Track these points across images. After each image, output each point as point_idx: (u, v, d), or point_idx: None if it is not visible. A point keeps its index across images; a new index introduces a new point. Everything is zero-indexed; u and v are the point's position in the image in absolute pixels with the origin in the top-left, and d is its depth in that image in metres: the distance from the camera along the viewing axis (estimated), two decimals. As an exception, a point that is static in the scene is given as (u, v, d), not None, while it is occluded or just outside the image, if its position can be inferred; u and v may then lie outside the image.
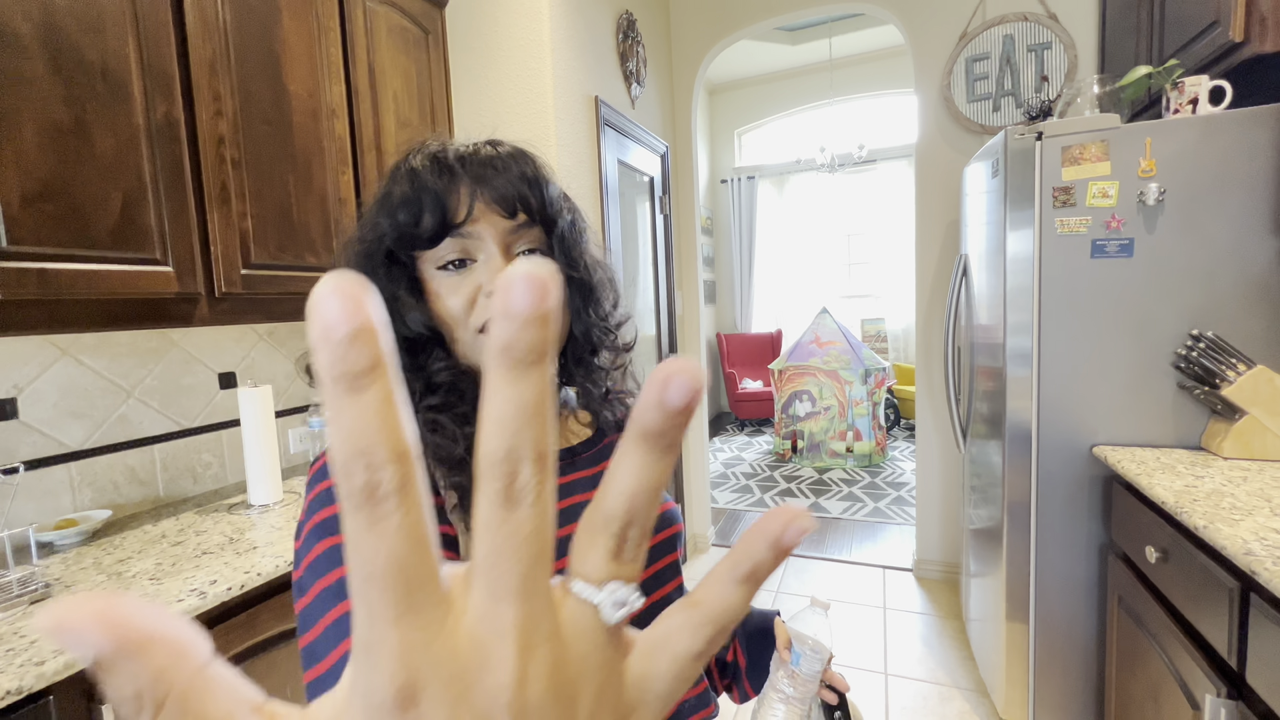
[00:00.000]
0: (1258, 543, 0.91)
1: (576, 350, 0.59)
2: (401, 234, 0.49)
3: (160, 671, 0.13)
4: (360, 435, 0.12)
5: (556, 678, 0.14)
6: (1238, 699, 0.95)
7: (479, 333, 0.50)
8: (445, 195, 0.48)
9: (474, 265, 0.50)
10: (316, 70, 1.48)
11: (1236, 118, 1.36)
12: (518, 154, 0.52)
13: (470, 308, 0.50)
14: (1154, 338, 1.45)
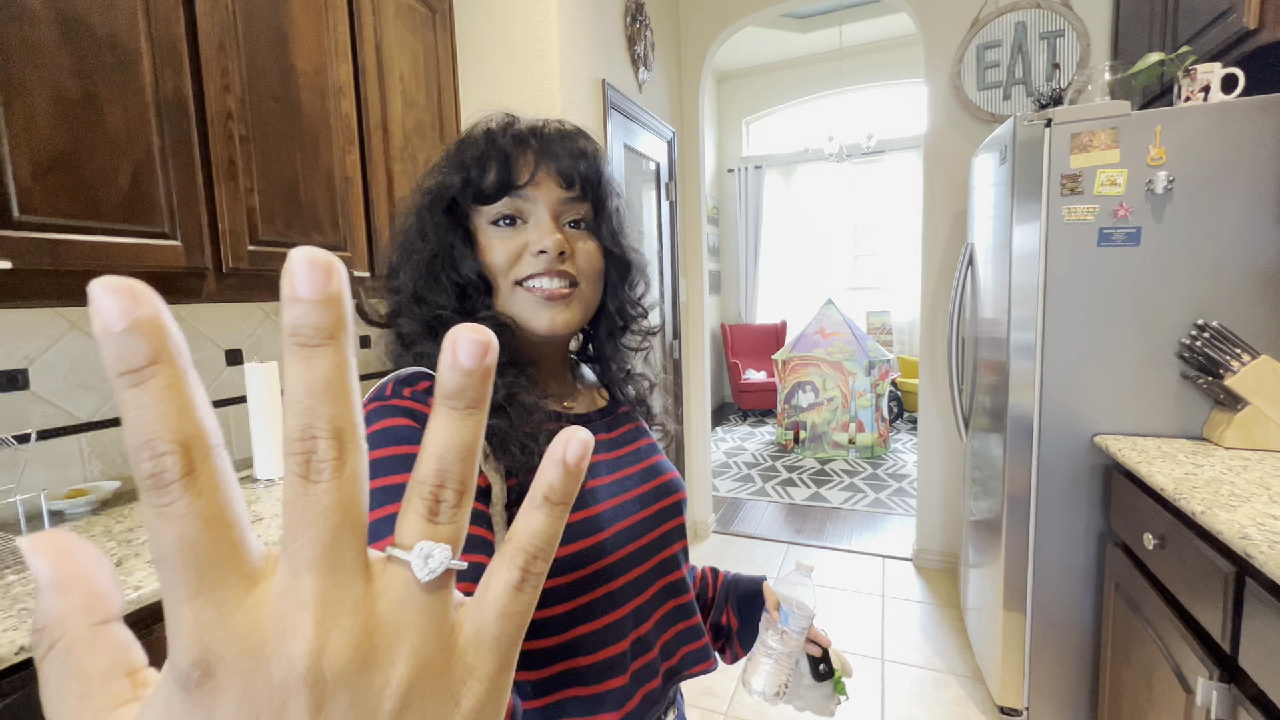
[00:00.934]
0: (1255, 528, 0.92)
1: (609, 324, 0.63)
2: (467, 186, 0.53)
3: (66, 615, 0.14)
4: (143, 427, 0.13)
5: (363, 646, 0.14)
6: (1230, 682, 0.96)
7: (516, 285, 0.54)
8: (513, 158, 0.53)
9: (524, 225, 0.54)
10: (323, 48, 1.48)
11: (1247, 106, 1.34)
12: (581, 134, 0.57)
13: (514, 262, 0.54)
14: (1158, 327, 1.45)
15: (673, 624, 0.58)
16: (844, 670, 0.66)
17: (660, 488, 0.60)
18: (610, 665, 0.51)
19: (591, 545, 0.51)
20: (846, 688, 0.66)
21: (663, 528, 0.59)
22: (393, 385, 0.51)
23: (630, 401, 0.66)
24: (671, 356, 2.90)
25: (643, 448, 0.63)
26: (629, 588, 0.54)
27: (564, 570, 0.49)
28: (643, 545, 0.56)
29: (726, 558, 2.95)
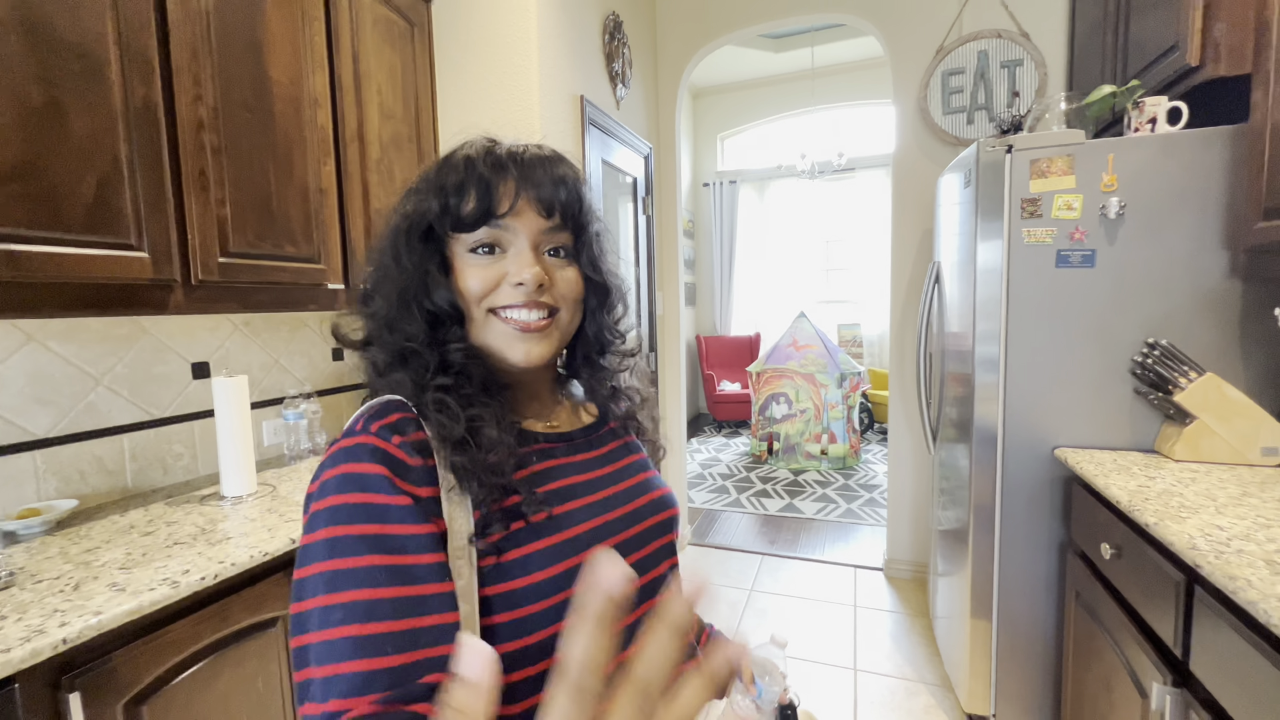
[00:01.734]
0: (1202, 538, 0.97)
1: (585, 348, 0.64)
2: (446, 214, 0.53)
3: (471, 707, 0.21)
4: None
5: None
6: (1182, 687, 1.00)
7: (489, 313, 0.54)
8: (493, 186, 0.52)
9: (503, 254, 0.54)
10: (300, 59, 1.47)
11: (1191, 138, 1.43)
12: (561, 160, 0.56)
13: (491, 291, 0.53)
14: (1113, 345, 1.52)
15: None
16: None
17: (647, 506, 0.59)
18: None
19: (569, 569, 0.50)
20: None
21: (649, 547, 0.58)
22: (363, 421, 0.50)
23: (619, 417, 0.66)
24: (648, 369, 2.92)
25: (631, 464, 0.62)
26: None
27: (542, 595, 0.48)
28: (631, 563, 0.53)
29: (702, 570, 2.96)
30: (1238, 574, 0.84)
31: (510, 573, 0.48)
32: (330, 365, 1.96)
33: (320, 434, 1.79)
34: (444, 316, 0.54)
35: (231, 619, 1.04)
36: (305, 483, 1.44)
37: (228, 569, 1.02)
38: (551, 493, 0.53)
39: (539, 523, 0.50)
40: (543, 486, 0.53)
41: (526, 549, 0.49)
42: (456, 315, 0.54)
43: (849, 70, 5.32)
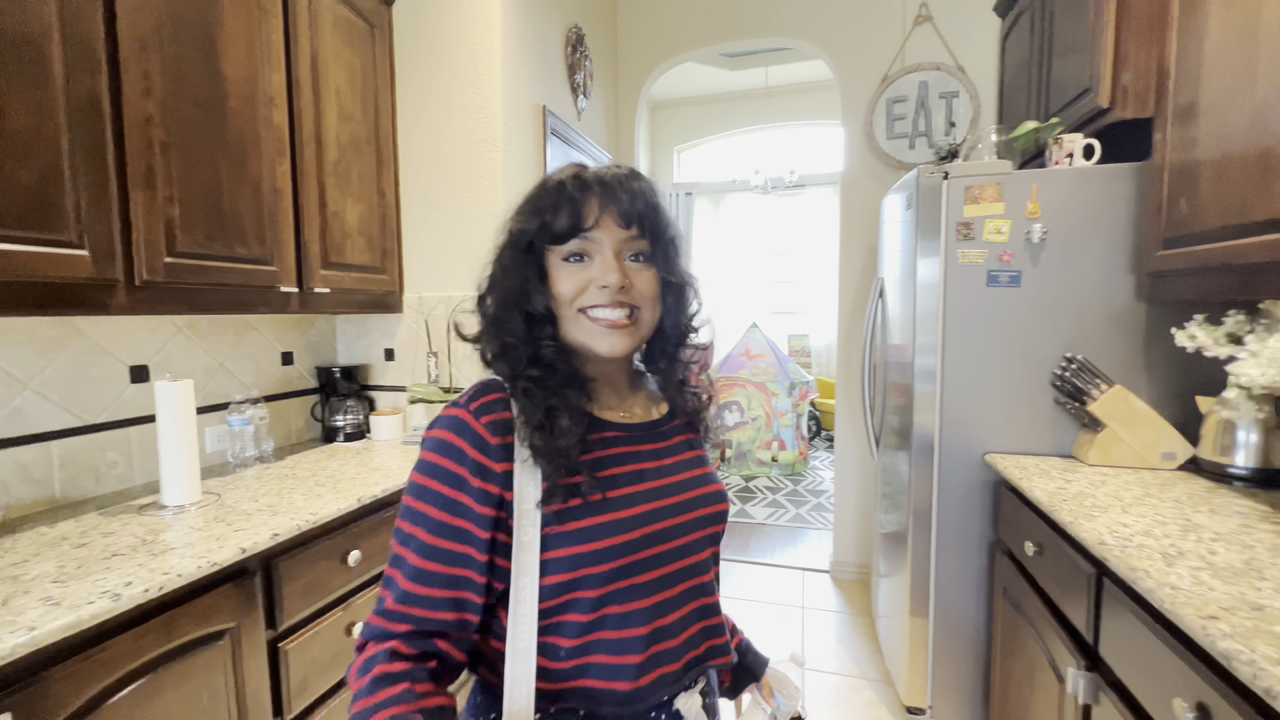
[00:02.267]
0: (1110, 535, 1.07)
1: (664, 342, 0.71)
2: (543, 230, 0.62)
3: None
4: None
5: None
6: (1093, 670, 1.11)
7: (579, 312, 0.63)
8: (580, 204, 0.61)
9: (590, 261, 0.63)
10: (255, 56, 1.44)
11: (1103, 172, 1.58)
12: (636, 176, 0.65)
13: (580, 293, 0.62)
14: (1036, 359, 1.65)
15: (698, 620, 0.65)
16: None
17: (699, 498, 0.67)
18: (630, 644, 0.59)
19: (621, 543, 0.59)
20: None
21: (695, 534, 0.65)
22: (467, 396, 0.62)
23: (686, 413, 0.73)
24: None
25: (690, 459, 0.70)
26: (655, 583, 0.61)
27: (597, 561, 0.57)
28: (672, 548, 0.63)
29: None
30: (1138, 566, 0.94)
31: (567, 540, 0.57)
32: (279, 370, 1.90)
33: (268, 440, 1.73)
34: (539, 317, 0.63)
35: (177, 632, 1.00)
36: (253, 492, 1.40)
37: (174, 580, 0.98)
38: (611, 476, 0.62)
39: (596, 501, 0.59)
40: (604, 470, 0.62)
41: (584, 522, 0.58)
42: (549, 316, 0.64)
43: (801, 91, 5.53)
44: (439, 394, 1.92)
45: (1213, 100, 1.25)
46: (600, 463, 0.62)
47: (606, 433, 0.66)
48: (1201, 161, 1.28)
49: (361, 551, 1.40)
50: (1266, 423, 1.30)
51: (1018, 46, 2.26)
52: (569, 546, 0.57)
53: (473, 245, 1.98)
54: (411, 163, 2.01)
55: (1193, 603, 0.83)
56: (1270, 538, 1.04)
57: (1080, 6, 1.69)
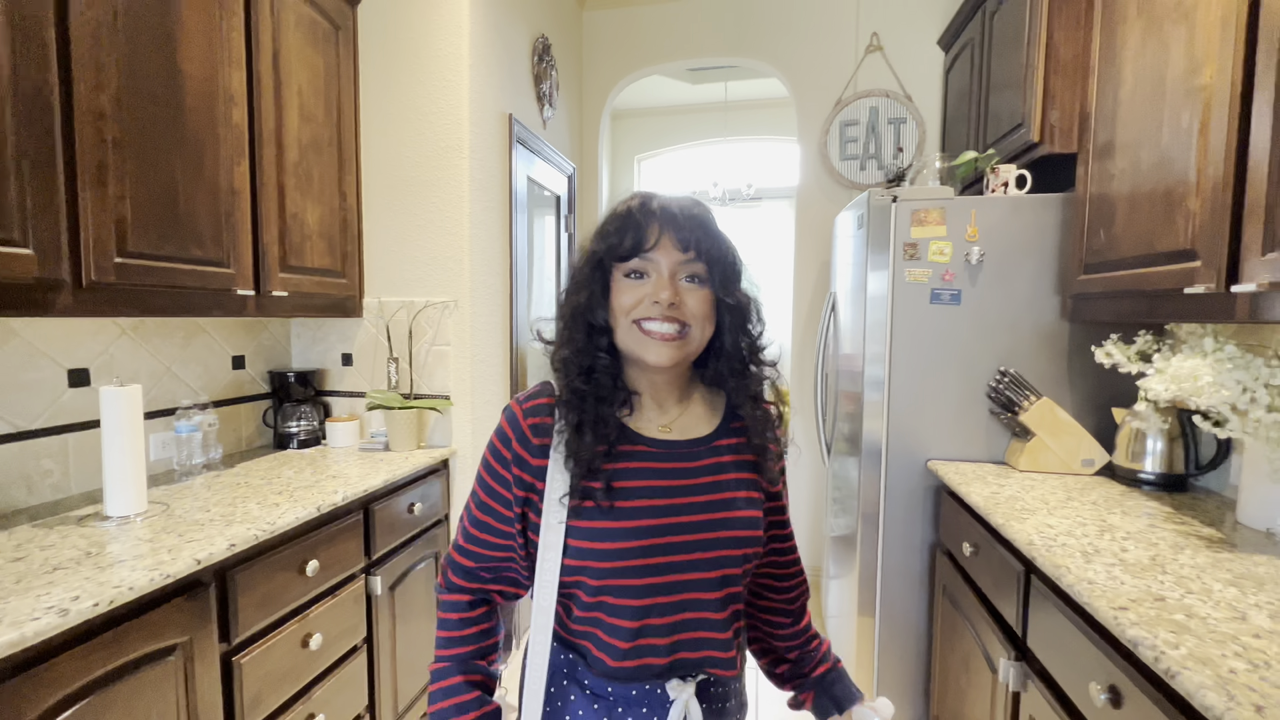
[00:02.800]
0: (1037, 535, 1.17)
1: (730, 361, 0.75)
2: (610, 249, 0.69)
3: None
4: None
5: None
6: (1022, 660, 1.20)
7: (634, 324, 0.69)
8: (644, 228, 0.68)
9: (648, 279, 0.69)
10: (215, 53, 1.40)
11: (1034, 201, 1.72)
12: (698, 206, 0.71)
13: (635, 306, 0.68)
14: (974, 372, 1.78)
15: (694, 629, 0.69)
16: None
17: (716, 523, 0.70)
18: (619, 631, 0.67)
19: (619, 548, 0.66)
20: None
21: (702, 554, 0.69)
22: (528, 393, 0.74)
23: (753, 428, 0.75)
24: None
25: (728, 481, 0.72)
26: (650, 588, 0.67)
27: (598, 557, 0.66)
28: (672, 561, 0.68)
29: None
30: (1061, 563, 1.04)
31: (580, 534, 0.67)
32: (230, 374, 1.84)
33: (216, 448, 1.67)
34: (599, 328, 0.71)
35: (126, 648, 0.97)
36: (204, 501, 1.36)
37: (125, 593, 0.95)
38: (626, 489, 0.68)
39: (606, 508, 0.67)
40: (622, 481, 0.69)
41: (595, 523, 0.67)
42: (607, 328, 0.71)
43: (759, 107, 5.69)
44: (399, 400, 1.89)
45: (1126, 141, 1.39)
46: (621, 474, 0.69)
47: (638, 446, 0.71)
48: (1117, 196, 1.42)
49: (320, 561, 1.38)
50: (1170, 432, 1.45)
51: (959, 79, 2.42)
52: (581, 540, 0.67)
53: (437, 251, 1.97)
54: (374, 166, 1.98)
55: (1106, 595, 0.92)
56: (1172, 536, 1.16)
57: (1015, 47, 1.84)
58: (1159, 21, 1.28)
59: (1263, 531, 1.19)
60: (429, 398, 1.99)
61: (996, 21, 2.03)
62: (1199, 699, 0.69)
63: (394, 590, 1.68)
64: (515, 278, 2.26)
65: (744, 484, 0.73)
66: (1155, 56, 1.29)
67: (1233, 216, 1.06)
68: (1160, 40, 1.27)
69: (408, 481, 1.75)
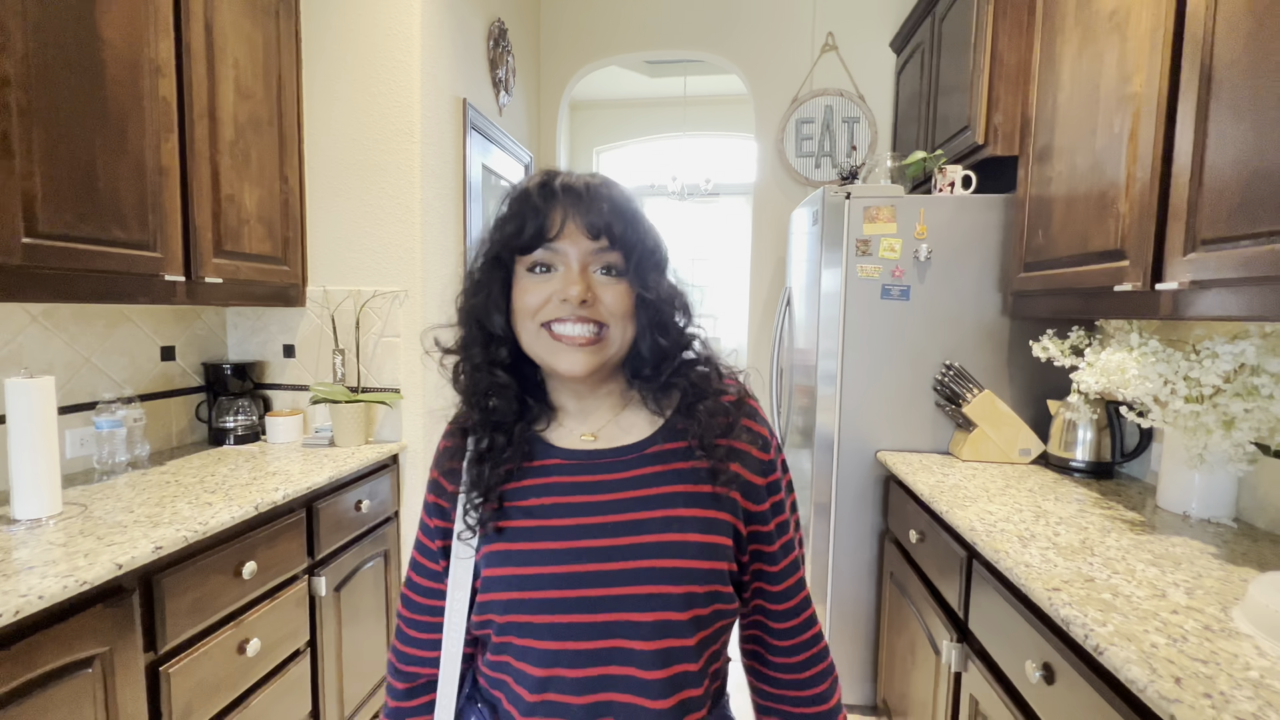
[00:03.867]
0: (979, 522, 1.22)
1: (639, 362, 0.62)
2: (507, 240, 0.59)
3: None
4: None
5: None
6: (963, 641, 1.25)
7: (541, 327, 0.59)
8: (544, 212, 0.58)
9: (555, 273, 0.58)
10: (139, 19, 1.30)
11: (978, 201, 1.78)
12: (609, 185, 0.60)
13: (541, 306, 0.58)
14: (921, 366, 1.83)
15: (620, 689, 0.55)
16: None
17: (643, 547, 0.56)
18: (524, 678, 0.57)
19: (516, 575, 0.57)
20: None
21: (629, 589, 0.55)
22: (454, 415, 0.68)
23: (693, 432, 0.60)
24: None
25: (657, 496, 0.58)
26: (558, 628, 0.55)
27: (497, 588, 0.58)
28: (588, 596, 0.55)
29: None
30: (1000, 548, 1.08)
31: (488, 561, 0.59)
32: (158, 366, 1.72)
33: (143, 444, 1.57)
34: (499, 336, 0.61)
35: (37, 662, 0.89)
36: (127, 502, 1.28)
37: (33, 603, 0.87)
38: (534, 506, 0.60)
39: (509, 529, 0.59)
40: (526, 500, 0.60)
41: (498, 546, 0.59)
42: (508, 335, 0.61)
43: (717, 103, 5.73)
44: (345, 394, 1.82)
45: (1064, 145, 1.46)
46: (525, 491, 0.60)
47: (549, 460, 0.61)
48: (1055, 197, 1.49)
49: (258, 563, 1.31)
50: (1099, 423, 1.53)
51: (910, 81, 2.49)
52: (489, 567, 0.59)
53: (386, 238, 1.90)
54: (319, 148, 1.89)
55: (1041, 577, 0.96)
56: (1100, 520, 1.23)
57: (962, 52, 1.90)
58: (1094, 32, 1.34)
59: (1179, 514, 1.28)
60: (377, 391, 1.91)
61: (945, 26, 2.09)
62: (1124, 673, 0.73)
63: (340, 591, 1.62)
64: (469, 268, 2.20)
65: (690, 499, 0.58)
66: (1091, 65, 1.35)
67: (1158, 219, 1.12)
68: (1095, 50, 1.34)
69: (355, 478, 1.68)
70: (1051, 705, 0.92)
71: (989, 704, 1.12)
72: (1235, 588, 0.93)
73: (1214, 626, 0.82)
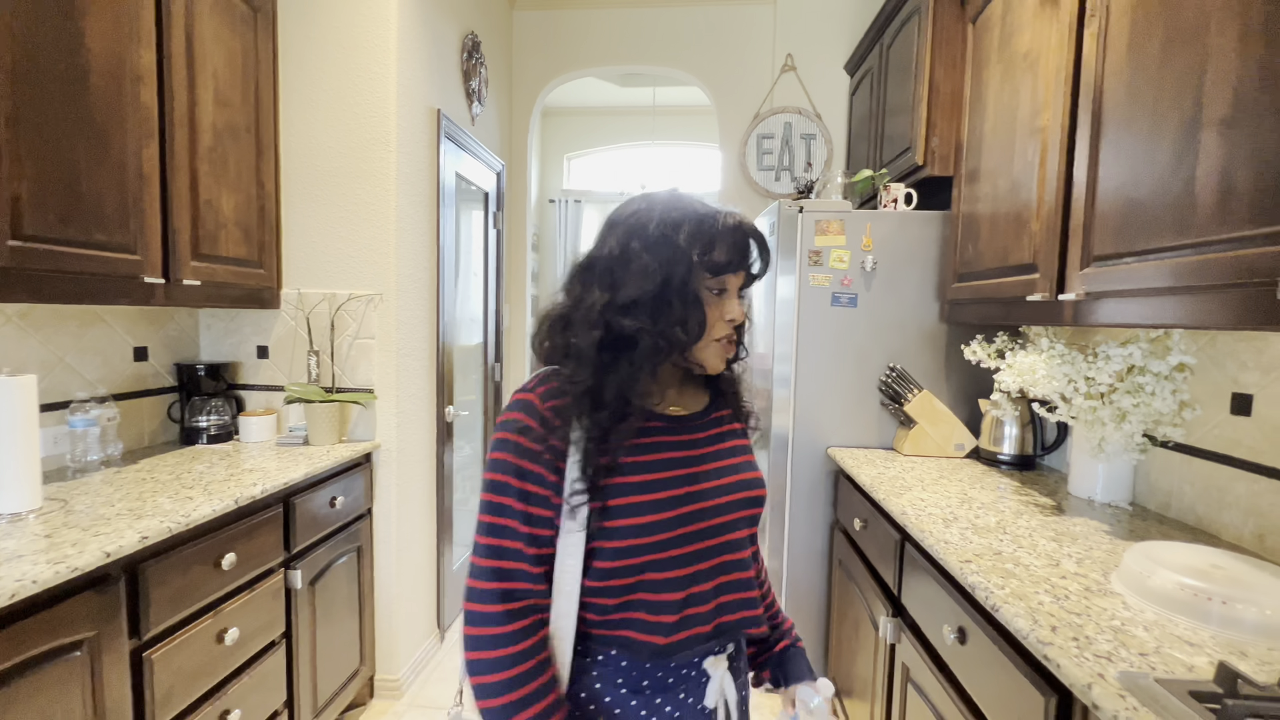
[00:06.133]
0: (911, 508, 1.35)
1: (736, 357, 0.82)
2: (710, 260, 0.72)
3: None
4: None
5: None
6: (898, 616, 1.39)
7: (715, 340, 0.75)
8: (747, 248, 0.74)
9: (725, 295, 0.75)
10: (122, 30, 1.35)
11: (919, 217, 1.94)
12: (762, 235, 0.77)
13: (716, 323, 0.74)
14: (868, 368, 1.98)
15: (731, 591, 0.74)
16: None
17: (735, 484, 0.76)
18: (665, 606, 0.69)
19: (656, 520, 0.69)
20: None
21: (730, 516, 0.74)
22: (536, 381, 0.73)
23: (736, 406, 0.84)
24: (493, 379, 2.97)
25: (732, 448, 0.80)
26: (691, 555, 0.70)
27: (636, 534, 0.68)
28: (706, 527, 0.72)
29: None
30: (926, 529, 1.22)
31: (610, 514, 0.68)
32: (131, 366, 1.75)
33: (116, 443, 1.59)
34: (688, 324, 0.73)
35: (27, 644, 0.94)
36: (107, 496, 1.32)
37: (28, 587, 0.92)
38: (651, 462, 0.72)
39: (636, 483, 0.69)
40: (646, 455, 0.72)
41: (628, 499, 0.69)
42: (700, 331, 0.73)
43: (685, 113, 5.89)
44: (320, 394, 1.87)
45: (989, 168, 1.62)
46: (644, 448, 0.72)
47: (653, 423, 0.75)
48: (982, 216, 1.65)
49: (237, 555, 1.36)
50: (1021, 419, 1.69)
51: (861, 103, 2.66)
52: (612, 519, 0.68)
53: (362, 243, 1.95)
54: (295, 155, 1.94)
55: (957, 552, 1.10)
56: (1016, 505, 1.38)
57: (905, 79, 2.06)
58: (1013, 69, 1.51)
59: (1085, 499, 1.44)
60: (351, 391, 1.97)
61: (891, 54, 2.26)
62: (1013, 625, 0.86)
63: (315, 585, 1.67)
64: (442, 272, 2.27)
65: (742, 448, 0.82)
66: (1010, 98, 1.52)
67: (1061, 237, 1.27)
68: (1013, 85, 1.50)
69: (329, 475, 1.73)
70: (964, 662, 1.05)
71: (917, 669, 1.25)
72: (1119, 558, 1.08)
73: (1093, 588, 0.96)
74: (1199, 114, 0.93)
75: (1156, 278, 1.00)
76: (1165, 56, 1.01)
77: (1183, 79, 0.96)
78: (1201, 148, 0.92)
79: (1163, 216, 1.00)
